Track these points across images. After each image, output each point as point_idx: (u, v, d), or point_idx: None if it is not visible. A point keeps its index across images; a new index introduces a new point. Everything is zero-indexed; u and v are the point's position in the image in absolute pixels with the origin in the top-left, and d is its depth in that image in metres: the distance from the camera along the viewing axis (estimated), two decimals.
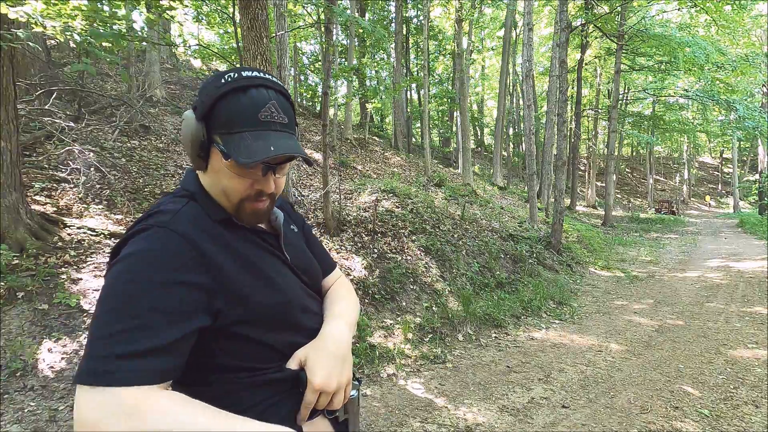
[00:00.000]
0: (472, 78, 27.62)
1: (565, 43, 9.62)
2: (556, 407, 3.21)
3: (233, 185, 0.79)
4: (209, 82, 0.79)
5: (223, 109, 0.75)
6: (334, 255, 5.50)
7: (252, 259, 0.81)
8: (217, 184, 0.80)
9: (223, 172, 0.78)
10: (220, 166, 0.78)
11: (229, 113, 0.75)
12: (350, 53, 15.79)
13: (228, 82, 0.76)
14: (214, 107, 0.76)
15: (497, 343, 4.65)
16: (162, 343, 0.64)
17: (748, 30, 19.08)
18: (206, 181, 0.83)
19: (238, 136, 0.74)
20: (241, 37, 4.21)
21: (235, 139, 0.74)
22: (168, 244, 0.70)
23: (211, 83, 0.78)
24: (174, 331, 0.66)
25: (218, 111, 0.75)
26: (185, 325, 0.67)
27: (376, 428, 2.91)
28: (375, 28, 7.47)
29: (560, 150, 10.51)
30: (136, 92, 8.76)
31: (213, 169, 0.80)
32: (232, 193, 0.80)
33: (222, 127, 0.76)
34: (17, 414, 2.60)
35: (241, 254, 0.79)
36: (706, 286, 7.29)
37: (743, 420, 2.96)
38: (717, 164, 42.09)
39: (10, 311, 3.17)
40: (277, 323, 0.81)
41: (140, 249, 0.69)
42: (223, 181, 0.79)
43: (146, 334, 0.63)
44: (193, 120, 0.77)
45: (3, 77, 3.55)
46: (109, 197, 4.97)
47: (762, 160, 23.25)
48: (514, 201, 14.96)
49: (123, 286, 0.66)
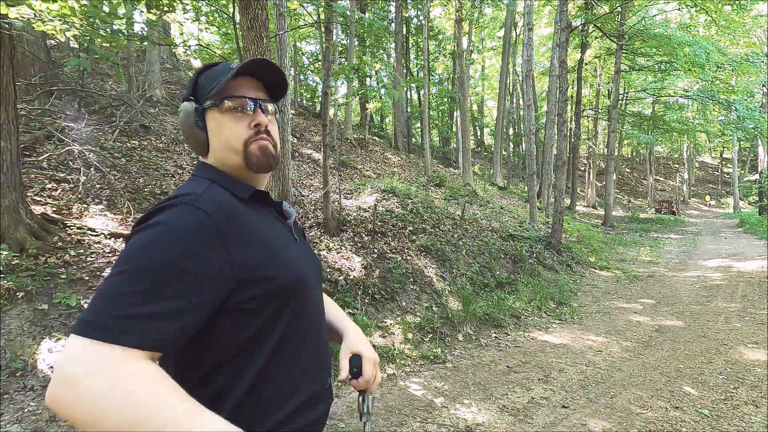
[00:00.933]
0: (472, 78, 27.61)
1: (565, 43, 9.62)
2: (556, 407, 3.21)
3: (233, 131, 0.86)
4: (192, 77, 0.92)
5: (204, 78, 0.88)
6: (334, 255, 5.50)
7: (275, 236, 0.85)
8: (223, 145, 0.87)
9: (222, 125, 0.86)
10: (218, 120, 0.86)
11: (210, 77, 0.88)
12: (350, 53, 15.78)
13: (205, 66, 0.91)
14: (197, 83, 0.89)
15: (497, 343, 4.65)
16: (169, 310, 0.64)
17: (748, 30, 19.08)
18: (214, 159, 0.89)
19: (218, 85, 0.85)
20: (241, 37, 4.21)
21: (217, 87, 0.85)
22: (192, 219, 0.71)
23: (194, 77, 0.92)
24: (184, 301, 0.66)
25: (200, 83, 0.88)
26: (204, 298, 0.69)
27: (376, 428, 2.91)
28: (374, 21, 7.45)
29: (560, 150, 10.51)
30: (136, 92, 8.76)
31: (213, 132, 0.87)
32: (235, 139, 0.86)
33: (207, 89, 0.87)
34: (17, 414, 2.60)
35: (265, 231, 0.83)
36: (706, 286, 7.29)
37: (743, 420, 2.96)
38: (717, 164, 42.09)
39: (10, 311, 3.17)
40: (294, 298, 0.83)
41: (164, 220, 0.70)
42: (224, 134, 0.86)
43: (155, 299, 0.63)
44: (183, 105, 0.89)
45: (3, 77, 3.54)
46: (109, 197, 4.97)
47: (762, 160, 23.26)
48: (514, 201, 14.96)
49: (142, 251, 0.67)
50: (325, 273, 4.95)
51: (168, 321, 0.64)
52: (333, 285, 4.78)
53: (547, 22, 23.48)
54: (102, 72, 9.59)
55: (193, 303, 0.67)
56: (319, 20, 11.20)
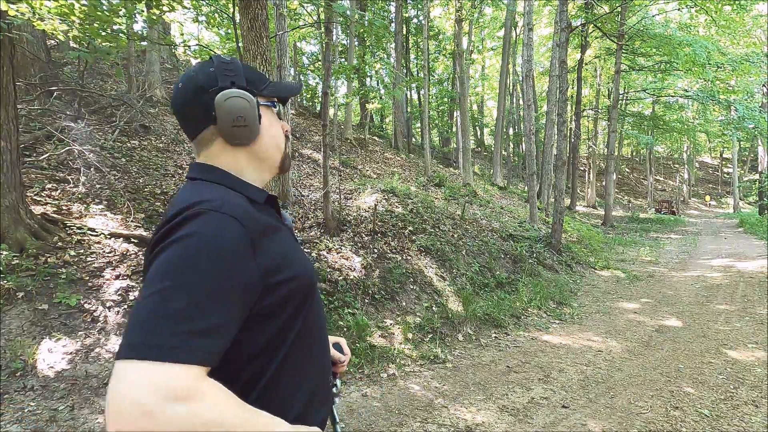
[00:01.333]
0: (472, 78, 27.61)
1: (565, 43, 9.62)
2: (556, 407, 3.21)
3: (279, 132, 0.93)
4: (216, 66, 0.85)
5: (250, 73, 0.89)
6: (334, 255, 5.50)
7: (285, 238, 0.87)
8: (272, 141, 0.91)
9: (273, 124, 0.91)
10: (269, 119, 0.90)
11: (255, 74, 0.90)
12: (350, 53, 15.79)
13: (230, 59, 0.88)
14: (246, 74, 0.87)
15: (497, 343, 4.65)
16: (218, 324, 0.63)
17: (748, 30, 19.08)
18: (248, 156, 0.87)
19: (271, 86, 0.91)
20: (241, 37, 4.21)
21: (272, 88, 0.91)
22: (228, 229, 0.70)
23: (220, 65, 0.85)
24: (231, 314, 0.66)
25: (250, 76, 0.88)
26: (241, 309, 0.69)
27: (376, 428, 2.91)
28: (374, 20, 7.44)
29: (560, 150, 10.51)
30: (136, 92, 8.76)
31: (266, 128, 0.89)
32: (281, 138, 0.93)
33: (259, 86, 0.89)
34: (17, 414, 2.60)
35: (278, 235, 0.84)
36: (706, 286, 7.29)
37: (743, 420, 2.96)
38: (717, 164, 42.10)
39: (10, 311, 3.17)
40: (309, 298, 0.85)
41: (199, 231, 0.68)
42: (274, 132, 0.91)
43: (206, 314, 0.62)
44: (238, 91, 0.82)
45: (3, 77, 3.54)
46: (109, 197, 4.97)
47: (762, 160, 23.26)
48: (514, 201, 14.96)
49: (185, 265, 0.64)
50: (325, 273, 4.95)
51: (220, 334, 0.63)
52: (333, 285, 4.78)
53: (547, 23, 23.48)
54: (102, 72, 9.59)
55: (236, 314, 0.67)
56: (319, 20, 11.20)
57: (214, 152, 0.85)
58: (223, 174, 0.84)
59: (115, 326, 3.39)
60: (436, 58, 23.56)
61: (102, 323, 3.36)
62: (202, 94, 0.82)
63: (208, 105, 0.81)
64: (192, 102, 0.83)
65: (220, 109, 0.80)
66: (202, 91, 0.82)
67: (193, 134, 0.86)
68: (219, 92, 0.81)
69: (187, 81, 0.84)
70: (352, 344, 3.95)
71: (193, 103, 0.83)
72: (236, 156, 0.86)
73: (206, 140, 0.85)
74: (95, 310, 3.42)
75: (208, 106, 0.81)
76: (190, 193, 0.77)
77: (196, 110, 0.83)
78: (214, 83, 0.82)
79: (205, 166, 0.85)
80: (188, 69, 0.89)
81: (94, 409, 2.79)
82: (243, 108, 0.82)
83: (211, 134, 0.84)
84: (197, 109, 0.82)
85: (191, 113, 0.84)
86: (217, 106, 0.80)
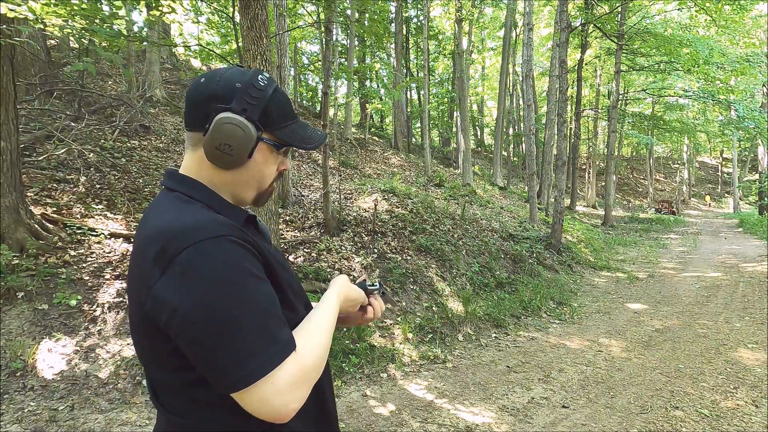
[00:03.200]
0: (472, 78, 27.61)
1: (565, 43, 9.62)
2: (556, 407, 3.21)
3: (270, 171, 0.90)
4: (244, 85, 0.82)
5: (274, 108, 0.85)
6: (334, 255, 5.50)
7: (274, 254, 0.88)
8: (256, 180, 0.88)
9: (268, 164, 0.88)
10: (266, 157, 0.87)
11: (279, 110, 0.86)
12: (350, 53, 15.79)
13: (268, 83, 0.84)
14: (266, 108, 0.84)
15: (497, 343, 4.65)
16: (276, 319, 0.73)
17: (748, 30, 19.07)
18: (224, 179, 0.85)
19: (287, 129, 0.88)
20: (241, 37, 4.21)
21: (286, 132, 0.87)
22: (233, 248, 0.73)
23: (248, 87, 0.82)
24: (275, 305, 0.75)
25: (270, 110, 0.84)
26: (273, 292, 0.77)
27: (376, 428, 2.91)
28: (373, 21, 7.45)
29: (560, 150, 10.51)
30: (136, 92, 8.76)
31: (257, 164, 0.86)
32: (268, 178, 0.90)
33: (274, 124, 0.86)
34: (17, 414, 2.60)
35: (268, 250, 0.86)
36: (706, 286, 7.29)
37: (743, 420, 2.96)
38: (717, 164, 42.09)
39: (10, 311, 3.17)
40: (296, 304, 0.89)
41: (216, 258, 0.71)
42: (265, 172, 0.88)
43: (264, 324, 0.71)
44: (242, 121, 0.80)
45: (3, 77, 3.55)
46: (109, 197, 4.97)
47: (762, 160, 23.25)
48: (514, 201, 14.95)
49: (222, 304, 0.68)
50: (325, 273, 4.95)
51: (282, 322, 0.74)
52: None
53: (546, 23, 23.47)
54: (102, 72, 9.58)
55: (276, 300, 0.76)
56: (319, 20, 11.20)
57: (197, 158, 0.84)
58: (205, 191, 0.83)
59: (114, 326, 3.38)
60: (436, 58, 23.56)
61: (102, 323, 3.36)
62: (211, 102, 0.81)
63: (208, 116, 0.80)
64: (199, 103, 0.82)
65: (214, 128, 0.79)
66: (213, 100, 0.81)
67: (188, 127, 0.85)
68: (224, 112, 0.80)
69: (209, 81, 0.82)
70: (352, 344, 3.95)
71: (199, 104, 0.82)
72: (212, 173, 0.84)
73: (194, 141, 0.84)
74: (95, 311, 3.42)
75: (208, 117, 0.80)
76: (174, 214, 0.76)
77: (198, 112, 0.82)
78: (228, 100, 0.80)
79: (187, 179, 0.84)
80: (222, 69, 0.86)
81: (94, 409, 2.79)
82: (235, 138, 0.80)
83: (198, 139, 0.83)
84: (199, 112, 0.82)
85: (194, 111, 0.83)
86: (214, 122, 0.79)
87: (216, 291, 0.68)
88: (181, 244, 0.70)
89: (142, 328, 0.75)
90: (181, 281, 0.68)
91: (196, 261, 0.69)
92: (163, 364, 0.75)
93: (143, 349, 0.79)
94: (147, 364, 0.80)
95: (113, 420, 2.72)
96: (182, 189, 0.83)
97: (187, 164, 0.86)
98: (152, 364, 0.78)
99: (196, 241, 0.70)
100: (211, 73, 0.84)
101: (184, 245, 0.69)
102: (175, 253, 0.69)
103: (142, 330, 0.76)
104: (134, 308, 0.77)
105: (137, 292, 0.74)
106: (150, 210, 0.83)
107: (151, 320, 0.71)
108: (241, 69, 0.85)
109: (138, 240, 0.80)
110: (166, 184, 0.85)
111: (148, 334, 0.74)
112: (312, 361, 0.74)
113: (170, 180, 0.85)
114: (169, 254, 0.69)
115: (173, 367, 0.74)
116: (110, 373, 3.04)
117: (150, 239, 0.74)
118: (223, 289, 0.68)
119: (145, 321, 0.73)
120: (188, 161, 0.86)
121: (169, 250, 0.70)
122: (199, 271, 0.68)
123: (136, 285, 0.75)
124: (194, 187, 0.83)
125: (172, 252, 0.69)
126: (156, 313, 0.69)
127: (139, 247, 0.77)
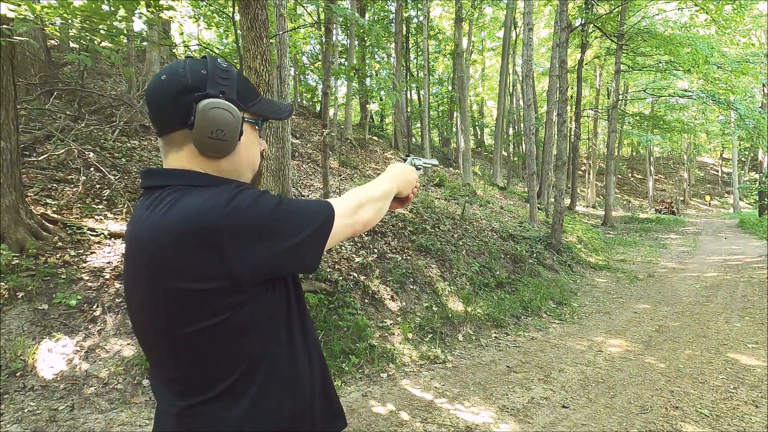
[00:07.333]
0: (472, 78, 27.60)
1: (565, 43, 9.62)
2: (556, 407, 3.20)
3: (256, 152, 0.92)
4: (210, 70, 0.80)
5: (243, 86, 0.85)
6: (334, 255, 5.50)
7: None
8: (249, 160, 0.89)
9: (254, 143, 0.90)
10: (250, 137, 0.88)
11: (247, 87, 0.87)
12: (350, 53, 15.79)
13: (228, 65, 0.85)
14: (238, 87, 0.84)
15: (497, 343, 4.65)
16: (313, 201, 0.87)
17: (748, 30, 19.07)
18: (220, 168, 0.83)
19: (261, 104, 0.89)
20: (241, 37, 4.21)
21: (261, 106, 0.89)
22: (258, 190, 0.82)
23: (214, 70, 0.81)
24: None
25: (241, 88, 0.84)
26: None
27: (376, 428, 2.91)
28: (373, 26, 7.46)
29: (560, 150, 10.51)
30: (136, 92, 8.75)
31: (245, 146, 0.87)
32: (257, 158, 0.92)
33: (248, 101, 0.86)
34: (17, 414, 2.60)
35: None
36: (706, 286, 7.28)
37: (743, 420, 2.96)
38: (717, 164, 42.08)
39: (10, 311, 3.17)
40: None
41: (255, 192, 0.78)
42: (253, 152, 0.90)
43: (308, 204, 0.85)
44: (225, 103, 0.79)
45: (3, 77, 3.54)
46: (109, 197, 4.97)
47: (762, 160, 23.25)
48: (514, 201, 14.95)
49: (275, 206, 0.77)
50: (325, 273, 4.95)
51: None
52: (333, 285, 4.78)
53: (546, 23, 23.47)
54: (102, 72, 9.58)
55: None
56: (319, 20, 11.20)
57: (185, 157, 0.80)
58: (213, 178, 0.81)
59: (115, 326, 3.38)
60: (436, 58, 23.54)
61: (102, 323, 3.36)
62: (185, 95, 0.76)
63: (189, 109, 0.76)
64: (172, 100, 0.77)
65: (201, 117, 0.76)
66: (186, 93, 0.76)
67: (163, 131, 0.80)
68: (204, 99, 0.76)
69: (173, 76, 0.78)
70: (352, 344, 3.95)
71: (172, 102, 0.77)
72: (207, 166, 0.81)
73: (177, 142, 0.80)
74: (95, 311, 3.42)
75: (188, 110, 0.76)
76: (192, 198, 0.74)
77: (173, 109, 0.77)
78: (202, 88, 0.77)
79: (186, 171, 0.80)
80: (175, 62, 0.81)
81: (94, 409, 2.79)
82: (225, 122, 0.78)
83: (183, 137, 0.79)
84: (175, 109, 0.77)
85: (167, 110, 0.78)
86: (198, 112, 0.76)
87: (267, 204, 0.76)
88: (216, 218, 0.72)
89: (190, 316, 0.73)
90: (239, 236, 0.72)
91: (239, 205, 0.74)
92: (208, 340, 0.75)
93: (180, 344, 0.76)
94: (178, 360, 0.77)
95: (113, 420, 2.72)
96: (183, 181, 0.78)
97: (174, 165, 0.81)
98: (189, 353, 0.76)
99: (225, 203, 0.73)
100: (169, 69, 0.80)
101: (219, 216, 0.72)
102: (215, 226, 0.71)
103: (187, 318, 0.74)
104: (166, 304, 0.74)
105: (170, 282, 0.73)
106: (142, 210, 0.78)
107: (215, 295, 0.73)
108: (192, 58, 0.82)
109: (138, 241, 0.76)
110: (156, 183, 0.80)
111: (200, 317, 0.73)
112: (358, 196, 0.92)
113: (161, 177, 0.80)
114: (213, 233, 0.71)
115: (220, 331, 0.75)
116: (110, 373, 3.04)
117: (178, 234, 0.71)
118: (270, 200, 0.77)
119: (195, 305, 0.73)
120: (175, 163, 0.81)
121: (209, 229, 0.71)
122: (245, 209, 0.74)
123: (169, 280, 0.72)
124: (197, 176, 0.80)
125: (213, 228, 0.71)
126: (238, 274, 0.72)
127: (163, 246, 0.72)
